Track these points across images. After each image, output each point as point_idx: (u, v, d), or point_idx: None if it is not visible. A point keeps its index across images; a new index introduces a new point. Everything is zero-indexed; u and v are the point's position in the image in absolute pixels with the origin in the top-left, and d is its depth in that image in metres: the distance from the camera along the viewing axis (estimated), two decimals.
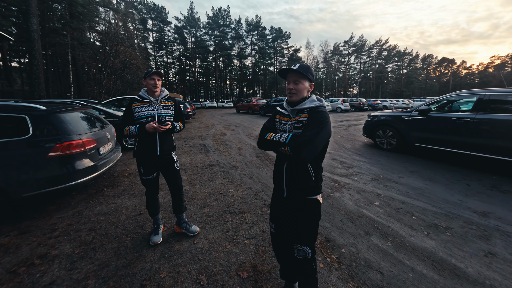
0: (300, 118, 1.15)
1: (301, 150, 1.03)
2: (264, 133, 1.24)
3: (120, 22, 24.05)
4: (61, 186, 2.52)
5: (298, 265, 1.25)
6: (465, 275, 1.62)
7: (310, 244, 1.20)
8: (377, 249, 1.92)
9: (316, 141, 1.03)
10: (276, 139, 1.14)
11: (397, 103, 26.47)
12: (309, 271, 1.22)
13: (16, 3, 15.97)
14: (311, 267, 1.22)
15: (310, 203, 1.19)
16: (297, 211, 1.20)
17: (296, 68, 1.14)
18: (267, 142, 1.18)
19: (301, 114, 1.16)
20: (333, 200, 2.85)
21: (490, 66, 67.47)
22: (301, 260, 1.21)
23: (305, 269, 1.22)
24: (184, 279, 1.61)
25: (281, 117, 1.26)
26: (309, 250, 1.19)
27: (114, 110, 6.10)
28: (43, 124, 2.53)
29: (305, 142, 1.02)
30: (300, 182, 1.17)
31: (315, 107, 1.14)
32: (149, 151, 1.91)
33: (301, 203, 1.19)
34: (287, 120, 1.21)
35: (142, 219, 2.45)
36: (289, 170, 1.20)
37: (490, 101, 3.84)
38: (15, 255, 1.87)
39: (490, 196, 2.93)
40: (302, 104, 1.16)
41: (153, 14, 45.37)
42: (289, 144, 1.07)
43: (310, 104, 1.15)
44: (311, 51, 72.58)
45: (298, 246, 1.20)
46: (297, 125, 1.15)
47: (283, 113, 1.25)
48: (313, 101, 1.16)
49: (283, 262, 1.38)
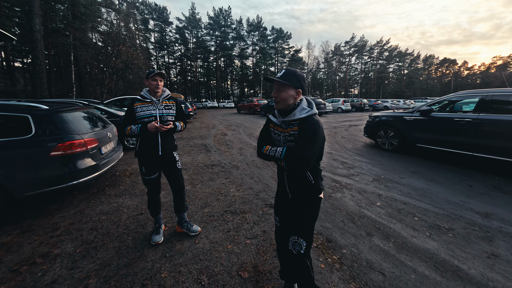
0: (291, 131, 1.14)
1: (296, 166, 1.07)
2: (261, 145, 1.27)
3: (122, 22, 24.16)
4: (63, 185, 2.53)
5: (292, 261, 1.27)
6: (467, 277, 1.61)
7: (306, 237, 1.22)
8: (379, 250, 1.91)
9: (308, 155, 1.05)
10: (272, 154, 1.17)
11: (398, 104, 26.39)
12: (303, 267, 1.24)
13: (19, 3, 16.09)
14: (304, 263, 1.24)
15: (313, 201, 1.22)
16: (300, 207, 1.23)
17: (279, 75, 1.13)
18: (265, 156, 1.22)
19: (292, 126, 1.15)
20: (334, 201, 2.84)
21: (492, 66, 67.06)
22: (296, 255, 1.23)
23: (299, 265, 1.24)
24: (185, 279, 1.61)
25: (274, 127, 1.27)
26: (304, 244, 1.22)
27: (116, 110, 6.12)
28: (46, 123, 2.54)
29: (299, 159, 1.06)
30: (301, 187, 1.21)
31: (305, 118, 1.12)
32: (150, 150, 1.92)
33: (304, 202, 1.22)
34: (281, 130, 1.22)
35: (143, 218, 2.45)
36: (289, 178, 1.24)
37: (492, 101, 3.82)
38: (17, 253, 1.88)
39: (492, 197, 2.91)
40: (292, 115, 1.14)
41: (154, 14, 45.50)
42: (284, 160, 1.11)
43: (300, 115, 1.12)
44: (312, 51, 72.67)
45: (295, 238, 1.23)
46: (290, 138, 1.15)
47: (276, 123, 1.26)
48: (302, 110, 1.13)
49: (283, 258, 1.39)
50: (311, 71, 59.67)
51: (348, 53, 59.38)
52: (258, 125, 11.12)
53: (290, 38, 53.33)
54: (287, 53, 54.74)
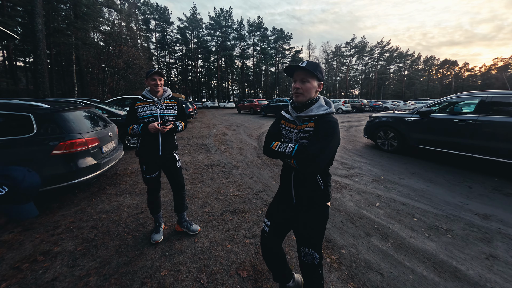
0: (306, 128, 1.06)
1: (307, 165, 0.98)
2: (270, 141, 1.17)
3: (124, 22, 24.25)
4: (64, 184, 2.55)
5: (305, 270, 1.21)
6: (466, 278, 1.62)
7: (318, 248, 1.16)
8: (377, 250, 1.92)
9: (323, 155, 0.97)
10: (281, 150, 1.07)
11: (399, 105, 26.37)
12: (316, 278, 1.18)
13: (22, 3, 16.17)
14: (318, 274, 1.17)
15: (320, 209, 1.14)
16: (306, 216, 1.16)
17: (304, 65, 1.03)
18: (272, 152, 1.12)
19: (307, 123, 1.07)
20: (333, 201, 2.85)
21: (493, 68, 66.98)
22: (308, 265, 1.17)
23: (312, 274, 1.18)
24: (184, 278, 1.62)
25: (286, 123, 1.17)
26: (317, 256, 1.15)
27: (117, 109, 6.14)
28: (47, 122, 2.56)
29: (312, 157, 0.96)
30: (309, 191, 1.12)
31: (322, 115, 1.04)
32: (151, 150, 1.93)
33: (311, 209, 1.15)
34: (293, 127, 1.13)
35: (143, 217, 2.47)
36: (297, 180, 1.14)
37: (493, 103, 3.82)
38: (18, 251, 1.90)
39: (492, 198, 2.91)
40: (308, 111, 1.06)
41: (156, 14, 45.66)
42: (295, 157, 1.02)
43: (317, 111, 1.05)
44: (312, 52, 72.68)
45: (306, 249, 1.16)
46: (304, 135, 1.06)
47: (289, 119, 1.16)
48: (320, 107, 1.06)
49: (273, 266, 1.29)
50: None
51: (349, 54, 59.42)
52: (258, 126, 11.13)
53: (291, 39, 53.49)
54: (288, 53, 54.81)
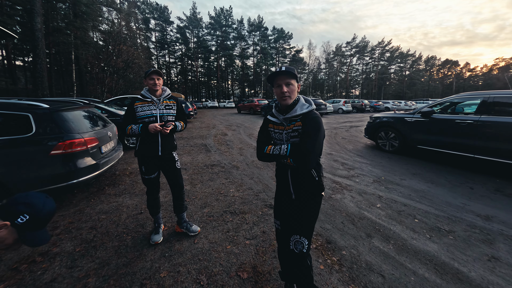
0: (294, 127, 1.16)
1: (304, 161, 1.08)
2: (262, 146, 1.25)
3: (123, 21, 24.22)
4: (63, 184, 2.54)
5: (294, 261, 1.26)
6: (468, 280, 1.60)
7: (308, 235, 1.22)
8: (379, 251, 1.90)
9: (315, 149, 1.08)
10: (276, 153, 1.17)
11: (400, 105, 26.36)
12: (304, 267, 1.23)
13: (21, 2, 16.13)
14: (306, 263, 1.23)
15: (316, 198, 1.23)
16: (303, 206, 1.23)
17: (284, 69, 1.13)
18: (267, 156, 1.21)
19: (294, 122, 1.16)
20: (334, 202, 2.83)
21: (494, 68, 66.90)
22: (298, 254, 1.22)
23: (301, 265, 1.23)
24: (184, 279, 1.61)
25: (275, 126, 1.26)
26: (306, 243, 1.21)
27: (116, 109, 6.13)
28: (46, 122, 2.54)
29: (307, 153, 1.07)
30: (306, 185, 1.20)
31: (307, 113, 1.15)
32: (150, 150, 1.92)
33: (308, 201, 1.23)
34: (282, 128, 1.21)
35: (142, 218, 2.45)
36: (293, 176, 1.23)
37: (494, 103, 3.81)
38: (16, 252, 1.88)
39: (493, 199, 2.89)
40: (293, 111, 1.16)
41: (155, 14, 45.56)
42: (291, 156, 1.11)
43: (301, 110, 1.15)
44: (313, 51, 72.71)
45: (297, 237, 1.22)
46: (293, 134, 1.16)
47: (276, 122, 1.25)
48: (303, 106, 1.17)
49: (284, 259, 1.37)
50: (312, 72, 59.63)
51: (350, 54, 59.34)
52: (258, 125, 11.12)
53: (291, 38, 53.36)
54: (288, 53, 54.75)
